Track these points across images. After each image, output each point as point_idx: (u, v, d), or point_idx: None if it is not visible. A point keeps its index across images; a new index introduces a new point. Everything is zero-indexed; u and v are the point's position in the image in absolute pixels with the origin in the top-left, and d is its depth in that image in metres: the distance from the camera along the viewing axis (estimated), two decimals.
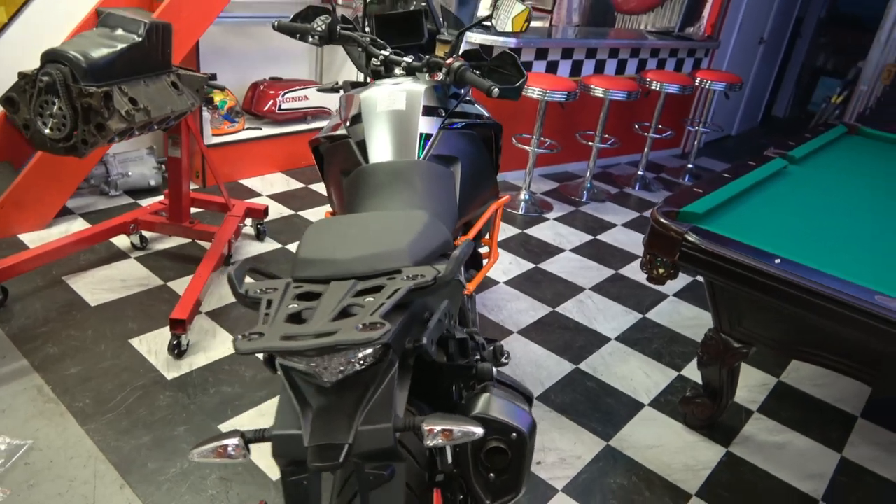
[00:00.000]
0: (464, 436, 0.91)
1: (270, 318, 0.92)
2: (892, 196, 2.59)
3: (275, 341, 0.85)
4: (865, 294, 1.67)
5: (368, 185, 1.70)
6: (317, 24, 2.09)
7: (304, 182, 4.05)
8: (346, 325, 0.86)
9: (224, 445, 0.93)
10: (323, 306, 0.94)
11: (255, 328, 0.89)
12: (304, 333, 0.86)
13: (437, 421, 0.91)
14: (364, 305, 0.94)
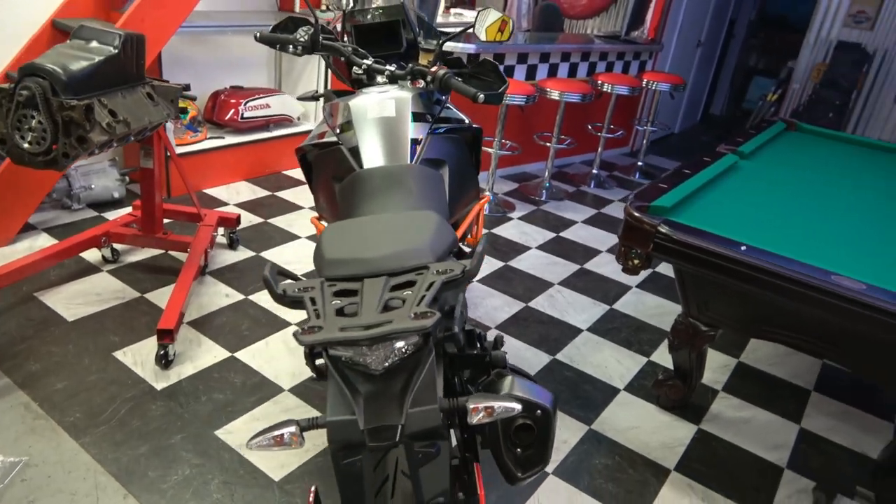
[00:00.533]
0: (504, 411, 1.00)
1: (322, 314, 0.99)
2: (834, 186, 2.82)
3: (335, 332, 0.91)
4: (823, 274, 1.85)
5: (365, 189, 1.77)
6: (300, 34, 2.14)
7: (270, 189, 4.06)
8: (398, 316, 0.94)
9: (280, 435, 0.99)
10: (367, 301, 1.02)
11: (311, 323, 0.96)
12: (359, 325, 0.93)
13: (480, 399, 1.00)
14: (404, 299, 1.02)
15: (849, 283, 1.81)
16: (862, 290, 1.79)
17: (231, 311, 2.76)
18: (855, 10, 4.85)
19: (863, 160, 3.36)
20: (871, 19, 4.81)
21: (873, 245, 2.21)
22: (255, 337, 2.61)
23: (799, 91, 5.24)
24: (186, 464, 1.98)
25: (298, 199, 3.97)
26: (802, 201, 2.55)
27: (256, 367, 2.44)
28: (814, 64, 5.11)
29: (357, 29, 2.28)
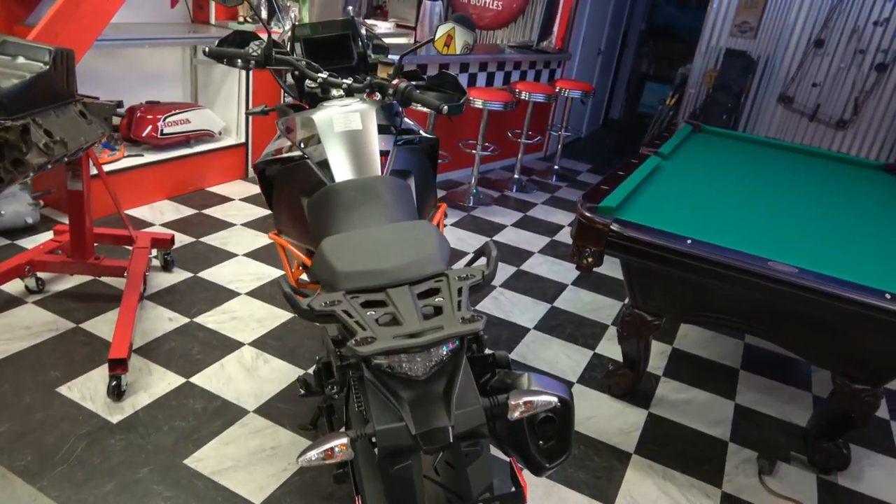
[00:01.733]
0: (543, 405, 1.06)
1: (366, 325, 1.01)
2: (748, 181, 3.10)
3: (391, 341, 0.94)
4: (761, 261, 2.04)
5: (339, 202, 1.77)
6: (252, 49, 2.11)
7: (196, 207, 3.91)
8: (446, 321, 0.98)
9: (331, 448, 1.00)
10: (403, 310, 1.05)
11: (360, 335, 0.97)
12: (409, 332, 0.96)
13: (520, 395, 1.05)
14: (436, 306, 1.05)
15: (783, 268, 2.01)
16: (795, 273, 2.00)
17: (178, 336, 2.65)
18: (740, 20, 5.32)
19: (762, 157, 3.70)
20: (753, 29, 5.30)
21: (798, 232, 2.47)
22: (209, 360, 2.53)
23: (695, 95, 5.67)
24: (159, 497, 1.89)
25: (228, 216, 3.85)
26: (727, 196, 2.79)
27: (215, 390, 2.37)
28: (706, 70, 5.56)
29: (306, 43, 2.28)
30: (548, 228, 4.44)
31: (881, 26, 4.92)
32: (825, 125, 5.29)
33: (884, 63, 4.98)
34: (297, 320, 2.87)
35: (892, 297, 1.91)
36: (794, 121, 5.39)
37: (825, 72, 5.18)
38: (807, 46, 5.18)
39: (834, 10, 5.02)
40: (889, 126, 5.08)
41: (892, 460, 2.53)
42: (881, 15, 4.89)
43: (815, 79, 5.23)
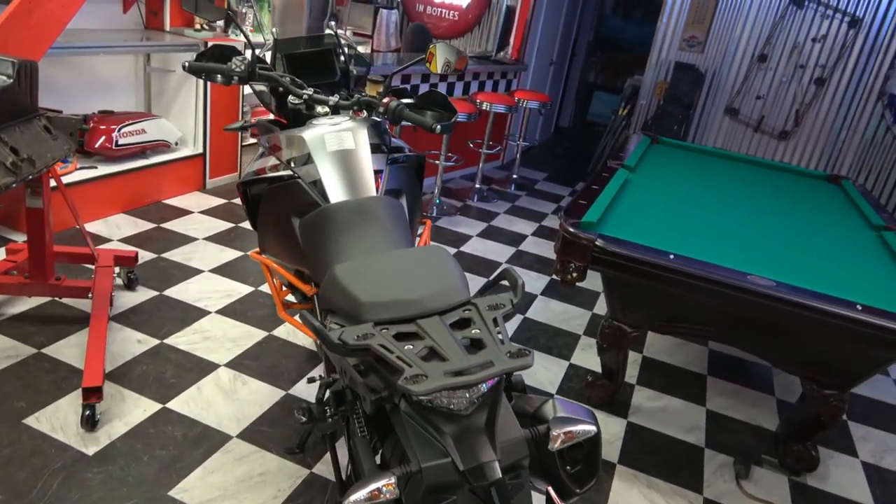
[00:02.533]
0: (583, 434, 1.07)
1: (410, 361, 0.99)
2: (712, 191, 3.22)
3: (443, 379, 0.93)
4: (740, 276, 2.13)
5: (336, 224, 1.75)
6: (235, 64, 2.05)
7: (154, 221, 3.77)
8: (495, 356, 0.97)
9: (378, 489, 0.98)
10: (443, 343, 1.04)
11: (410, 372, 0.96)
12: (460, 369, 0.95)
13: (561, 425, 1.06)
14: (474, 338, 1.05)
15: (762, 281, 2.10)
16: (773, 286, 2.09)
17: (149, 358, 2.55)
18: (688, 35, 5.52)
19: (718, 167, 3.85)
20: (701, 43, 5.51)
21: (766, 244, 2.58)
22: (185, 383, 2.44)
23: (646, 106, 5.85)
24: None
25: (189, 230, 3.73)
26: (695, 208, 2.89)
27: (194, 415, 2.28)
28: (657, 82, 5.74)
29: (288, 58, 2.23)
30: (512, 238, 4.49)
31: (819, 43, 5.20)
32: (769, 136, 5.55)
33: (822, 77, 5.26)
34: (272, 339, 2.80)
35: (863, 308, 2.02)
36: (740, 131, 5.63)
37: (768, 85, 5.43)
38: (751, 61, 5.43)
39: (776, 26, 5.27)
40: (827, 137, 5.38)
41: (853, 459, 2.67)
42: (818, 32, 5.18)
43: (759, 92, 5.48)
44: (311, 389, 2.50)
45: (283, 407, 2.40)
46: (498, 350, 1.00)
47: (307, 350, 2.77)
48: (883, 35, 5.00)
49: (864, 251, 2.73)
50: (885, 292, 2.29)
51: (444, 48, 2.27)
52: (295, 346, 2.78)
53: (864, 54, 5.09)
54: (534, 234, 4.64)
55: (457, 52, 2.30)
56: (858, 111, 5.22)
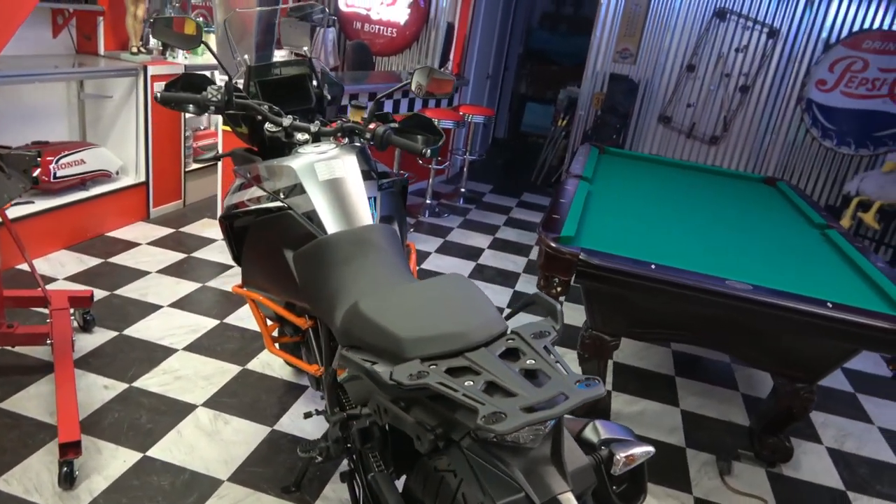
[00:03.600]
0: (643, 456, 1.08)
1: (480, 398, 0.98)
2: (668, 198, 3.36)
3: (523, 416, 0.92)
4: (719, 281, 2.22)
5: (336, 255, 1.71)
6: (211, 93, 1.98)
7: (100, 256, 3.57)
8: (564, 386, 0.97)
9: None
10: (503, 375, 1.03)
11: (487, 409, 0.94)
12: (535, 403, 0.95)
13: (622, 449, 1.07)
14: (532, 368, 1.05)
15: (740, 286, 2.20)
16: (750, 289, 2.19)
17: (119, 404, 2.40)
18: (621, 47, 5.74)
19: (665, 174, 4.01)
20: (633, 55, 5.74)
21: (736, 250, 2.70)
22: (162, 428, 2.31)
23: (584, 117, 6.03)
24: None
25: (140, 263, 3.55)
26: (658, 216, 3.00)
27: (179, 462, 2.17)
28: (593, 93, 5.93)
29: (262, 84, 2.17)
30: (469, 252, 4.51)
31: (741, 53, 5.52)
32: (700, 141, 5.83)
33: (746, 85, 5.58)
34: (248, 374, 2.70)
35: (833, 305, 2.15)
36: (674, 138, 5.89)
37: (697, 93, 5.72)
38: (680, 71, 5.70)
39: (701, 38, 5.56)
40: (753, 140, 5.70)
41: (818, 446, 2.83)
42: (741, 42, 5.50)
43: (689, 100, 5.75)
44: (300, 424, 2.43)
45: (270, 444, 2.32)
46: (565, 380, 1.01)
47: (285, 382, 2.69)
48: (799, 44, 5.36)
49: (815, 250, 2.91)
50: (843, 288, 2.44)
51: (421, 72, 2.22)
52: (272, 380, 2.69)
53: (783, 62, 5.44)
54: (490, 246, 4.68)
55: (427, 73, 2.24)
56: (780, 116, 5.57)
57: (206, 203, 4.63)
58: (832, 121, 5.45)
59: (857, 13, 5.19)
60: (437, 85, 2.06)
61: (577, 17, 9.26)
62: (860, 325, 2.11)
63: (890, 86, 5.25)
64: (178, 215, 4.34)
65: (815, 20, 5.28)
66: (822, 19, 5.26)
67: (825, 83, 5.37)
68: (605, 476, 1.18)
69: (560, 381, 1.01)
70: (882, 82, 5.25)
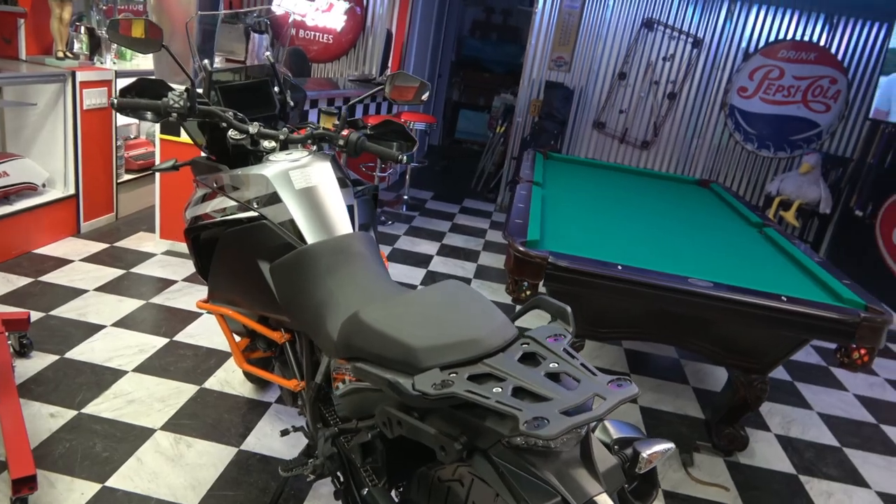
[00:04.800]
0: (665, 453, 1.10)
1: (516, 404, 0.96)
2: (614, 198, 3.46)
3: (565, 420, 0.91)
4: (681, 280, 2.30)
5: (318, 265, 1.66)
6: (172, 100, 1.88)
7: (30, 275, 3.32)
8: (599, 388, 0.98)
9: None
10: (532, 381, 1.02)
11: (527, 415, 0.93)
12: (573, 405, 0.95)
13: (647, 447, 1.08)
14: (555, 371, 1.05)
15: (701, 283, 2.29)
16: (711, 286, 2.28)
17: (70, 433, 2.24)
18: (556, 55, 5.89)
19: (608, 178, 4.14)
20: (568, 63, 5.90)
21: (688, 250, 2.81)
22: (121, 456, 2.17)
23: (522, 123, 6.14)
24: None
25: (74, 281, 3.33)
26: (611, 218, 3.09)
27: (143, 490, 2.04)
28: (530, 100, 6.05)
29: (223, 90, 2.09)
30: (419, 259, 4.49)
31: (668, 61, 5.77)
32: (632, 146, 6.05)
33: (673, 92, 5.84)
34: (206, 393, 2.58)
35: (787, 299, 2.27)
36: (608, 143, 6.09)
37: (629, 100, 5.93)
38: (612, 78, 5.90)
39: (631, 47, 5.78)
40: (682, 145, 5.97)
41: (768, 434, 2.98)
42: (668, 52, 5.75)
43: (621, 106, 5.96)
44: (267, 443, 2.34)
45: (239, 465, 2.22)
46: (597, 381, 1.01)
47: (247, 399, 2.58)
48: (721, 54, 5.66)
49: (757, 247, 3.07)
50: (790, 282, 2.59)
51: (396, 76, 2.15)
52: (233, 398, 2.58)
53: (707, 71, 5.73)
54: (439, 253, 4.68)
55: (402, 78, 2.19)
56: (706, 121, 5.86)
57: (140, 216, 4.40)
58: (753, 125, 5.78)
59: (773, 24, 5.53)
60: (405, 92, 2.03)
61: (506, 25, 9.44)
62: (813, 316, 2.24)
63: (803, 92, 5.62)
64: (110, 229, 4.10)
65: (735, 31, 5.59)
66: (742, 30, 5.58)
67: (746, 90, 5.69)
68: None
69: (592, 383, 1.01)
70: (796, 89, 5.62)
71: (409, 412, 1.17)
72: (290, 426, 1.95)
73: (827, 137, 5.71)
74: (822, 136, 5.71)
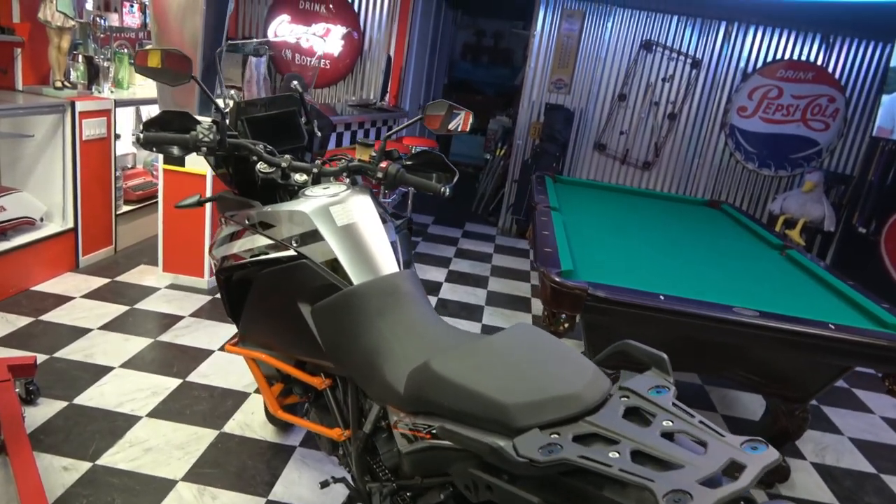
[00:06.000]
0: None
1: (647, 475, 0.87)
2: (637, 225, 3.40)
3: (712, 494, 0.82)
4: (726, 309, 2.22)
5: (368, 307, 1.56)
6: (202, 132, 1.79)
7: (30, 314, 3.17)
8: (736, 452, 0.88)
9: None
10: (652, 444, 0.93)
11: (662, 488, 0.83)
12: (711, 475, 0.85)
13: None
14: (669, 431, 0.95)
15: (748, 312, 2.21)
16: (756, 316, 2.21)
17: (86, 488, 2.09)
18: (555, 78, 5.87)
19: (622, 201, 4.09)
20: (567, 85, 5.88)
21: (724, 276, 2.74)
22: None
23: (523, 146, 6.10)
24: None
25: (76, 320, 3.18)
26: (637, 244, 3.02)
27: None
28: (531, 122, 6.01)
29: (250, 122, 2.00)
30: (429, 288, 4.39)
31: (668, 82, 5.78)
32: (634, 167, 6.03)
33: (673, 112, 5.84)
34: (227, 438, 2.44)
35: (836, 326, 2.20)
36: (609, 164, 6.06)
37: (629, 121, 5.92)
38: (612, 100, 5.89)
39: (631, 69, 5.78)
40: (683, 165, 5.96)
41: (804, 462, 2.89)
42: (667, 72, 5.76)
43: (622, 127, 5.95)
44: (297, 491, 2.21)
45: None
46: (728, 444, 0.92)
47: (270, 444, 2.45)
48: (720, 73, 5.68)
49: (784, 270, 3.02)
50: (827, 306, 2.53)
51: (435, 105, 2.04)
52: (255, 442, 2.45)
53: (707, 91, 5.74)
54: (447, 280, 4.58)
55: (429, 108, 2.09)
56: (706, 141, 5.86)
57: (140, 248, 4.26)
58: (753, 145, 5.79)
59: (770, 44, 5.56)
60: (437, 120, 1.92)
61: (497, 48, 9.47)
62: (862, 344, 2.16)
63: (802, 111, 5.65)
64: (110, 263, 3.96)
65: (734, 51, 5.62)
66: (740, 50, 5.61)
67: (746, 109, 5.70)
68: None
69: (723, 446, 0.92)
70: (795, 108, 5.64)
71: (498, 475, 1.07)
72: (331, 477, 1.83)
73: (826, 155, 5.74)
74: (821, 154, 5.73)
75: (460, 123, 1.96)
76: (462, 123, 1.91)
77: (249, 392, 2.76)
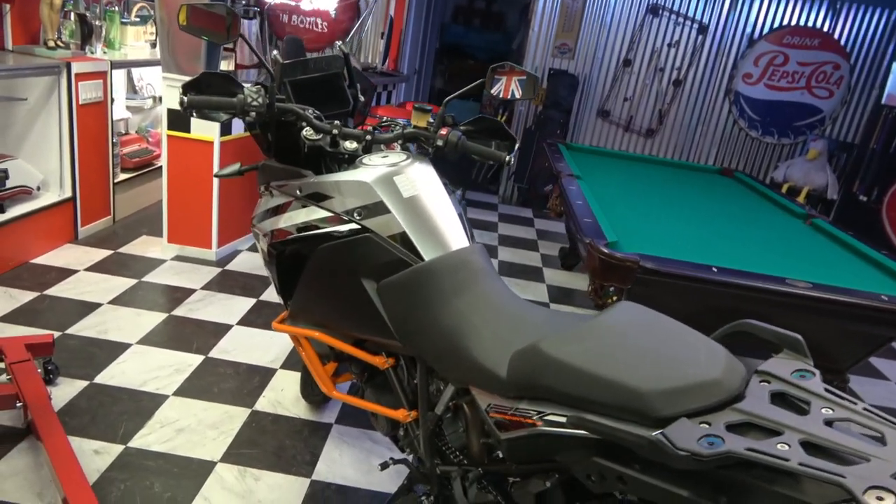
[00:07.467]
0: None
1: (829, 468, 0.80)
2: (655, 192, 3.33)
3: None
4: (779, 281, 2.18)
5: (443, 284, 1.47)
6: (250, 95, 1.66)
7: (33, 289, 3.01)
8: None
9: None
10: (823, 435, 0.86)
11: (859, 484, 0.76)
12: None
13: None
14: (833, 419, 0.89)
15: (801, 284, 2.17)
16: (810, 287, 2.17)
17: (121, 472, 1.99)
18: (559, 42, 5.73)
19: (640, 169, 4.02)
20: (571, 50, 5.75)
21: (767, 246, 2.70)
22: (183, 496, 1.94)
23: (525, 112, 5.97)
24: None
25: (84, 294, 3.03)
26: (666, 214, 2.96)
27: None
28: None
29: (294, 85, 1.86)
30: None
31: (674, 48, 5.68)
32: (637, 134, 5.95)
33: (678, 79, 5.76)
34: (260, 416, 2.35)
35: (888, 298, 2.17)
36: (612, 131, 5.97)
37: (634, 87, 5.82)
38: (617, 66, 5.78)
39: (636, 34, 5.66)
40: (686, 132, 5.90)
41: None
42: (673, 38, 5.65)
43: (626, 94, 5.85)
44: (340, 470, 2.13)
45: (315, 498, 2.01)
46: None
47: (304, 422, 2.37)
48: (727, 40, 5.59)
49: (815, 241, 2.99)
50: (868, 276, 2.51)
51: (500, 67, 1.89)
52: (290, 420, 2.36)
53: (712, 57, 5.66)
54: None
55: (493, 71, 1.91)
56: (710, 108, 5.79)
57: (138, 217, 4.09)
58: (757, 112, 5.74)
59: (778, 10, 5.48)
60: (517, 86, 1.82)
61: (490, 11, 9.24)
62: None
63: (807, 79, 5.60)
64: (109, 234, 3.79)
65: (741, 17, 5.53)
66: (747, 16, 5.52)
67: (751, 76, 5.64)
68: None
69: None
70: (800, 75, 5.60)
71: (628, 464, 1.00)
72: (390, 458, 1.75)
73: (829, 123, 5.72)
74: (824, 121, 5.71)
75: (501, 90, 1.86)
76: (504, 90, 1.81)
77: (275, 368, 2.66)
